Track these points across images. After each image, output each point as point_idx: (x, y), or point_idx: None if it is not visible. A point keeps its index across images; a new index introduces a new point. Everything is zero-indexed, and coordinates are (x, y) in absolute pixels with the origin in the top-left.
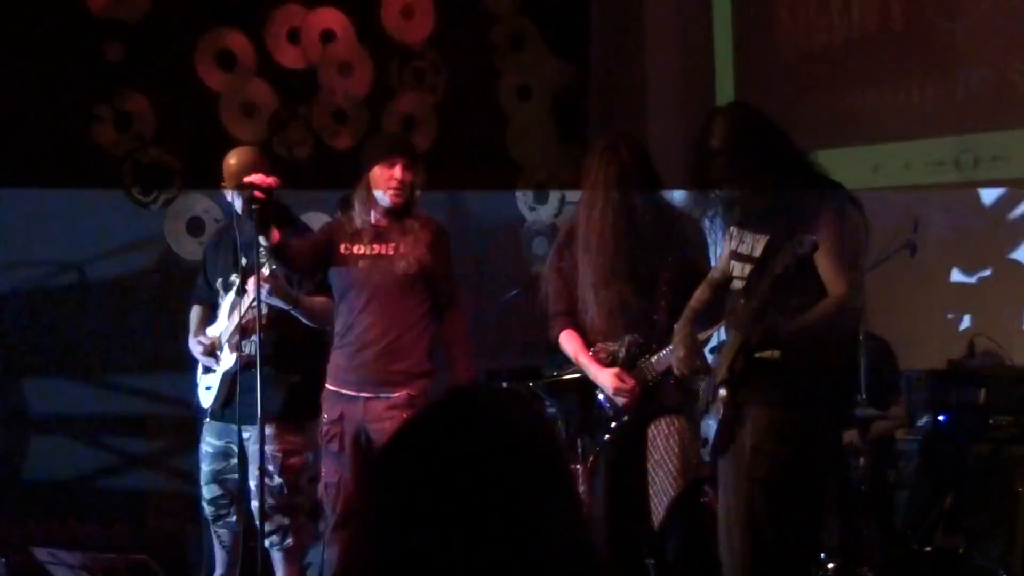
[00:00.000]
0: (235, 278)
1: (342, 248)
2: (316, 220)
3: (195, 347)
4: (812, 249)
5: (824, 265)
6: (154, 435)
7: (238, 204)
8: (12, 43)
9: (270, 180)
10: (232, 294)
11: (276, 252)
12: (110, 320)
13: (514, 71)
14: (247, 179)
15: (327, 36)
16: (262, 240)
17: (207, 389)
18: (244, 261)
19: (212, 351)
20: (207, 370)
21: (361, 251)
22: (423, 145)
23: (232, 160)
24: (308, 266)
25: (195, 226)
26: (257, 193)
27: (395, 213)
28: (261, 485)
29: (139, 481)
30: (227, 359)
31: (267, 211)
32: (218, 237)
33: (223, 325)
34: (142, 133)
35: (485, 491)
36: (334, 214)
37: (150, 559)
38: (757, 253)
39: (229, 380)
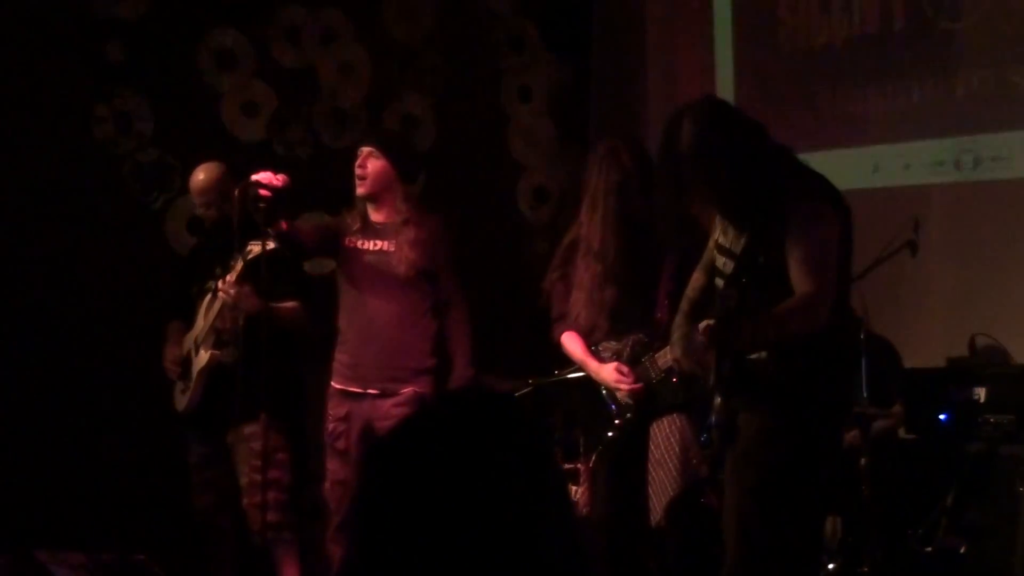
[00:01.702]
0: (211, 284)
1: (347, 242)
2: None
3: (167, 367)
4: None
5: (793, 270)
6: (153, 436)
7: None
8: (12, 43)
9: (278, 180)
10: (208, 296)
11: (283, 239)
12: (110, 320)
13: (514, 71)
14: (254, 177)
15: (327, 36)
16: (270, 231)
17: (182, 393)
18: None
19: (182, 367)
20: (183, 374)
21: (364, 246)
22: (423, 145)
23: (200, 176)
24: (313, 249)
25: (195, 226)
26: (263, 192)
27: (385, 210)
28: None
29: (139, 481)
30: (202, 359)
31: (274, 208)
32: (197, 248)
33: (199, 327)
34: (142, 133)
35: (475, 494)
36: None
37: (150, 559)
38: (738, 251)
39: (204, 381)
